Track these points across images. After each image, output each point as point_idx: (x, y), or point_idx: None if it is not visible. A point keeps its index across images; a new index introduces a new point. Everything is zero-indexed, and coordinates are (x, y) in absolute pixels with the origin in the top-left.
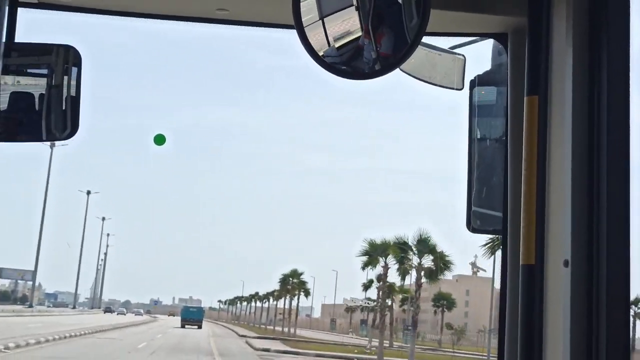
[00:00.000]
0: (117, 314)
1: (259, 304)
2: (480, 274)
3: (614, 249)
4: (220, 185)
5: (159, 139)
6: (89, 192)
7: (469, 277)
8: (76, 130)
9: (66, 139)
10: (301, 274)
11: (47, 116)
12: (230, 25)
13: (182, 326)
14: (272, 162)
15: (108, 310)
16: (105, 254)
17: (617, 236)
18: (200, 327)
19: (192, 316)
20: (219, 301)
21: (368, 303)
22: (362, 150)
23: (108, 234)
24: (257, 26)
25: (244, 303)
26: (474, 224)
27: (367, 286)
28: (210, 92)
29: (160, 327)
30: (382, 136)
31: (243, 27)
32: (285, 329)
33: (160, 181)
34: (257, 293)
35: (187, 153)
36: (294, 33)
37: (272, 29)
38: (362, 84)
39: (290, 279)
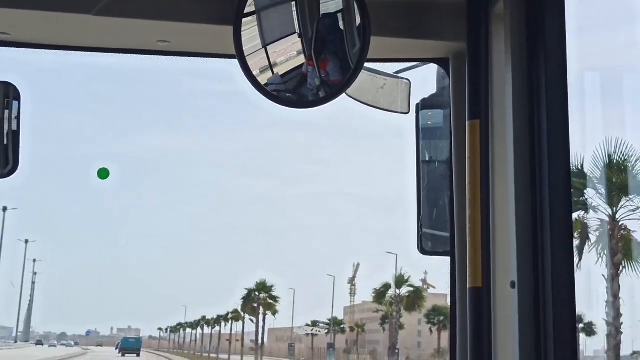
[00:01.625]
0: (49, 347)
1: (206, 330)
2: (431, 290)
3: (559, 270)
4: (159, 211)
5: (103, 173)
6: (4, 209)
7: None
8: (17, 166)
9: (8, 175)
10: (271, 287)
11: None
12: (172, 57)
13: (123, 355)
14: (209, 186)
15: (39, 343)
16: (34, 282)
17: (562, 256)
18: (138, 355)
19: (131, 345)
20: (159, 329)
21: (320, 330)
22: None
23: (34, 260)
24: (198, 57)
25: (188, 330)
26: (425, 245)
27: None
28: (150, 120)
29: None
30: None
31: (184, 57)
32: (234, 358)
33: (96, 205)
34: (204, 317)
35: (124, 179)
36: (235, 63)
37: (213, 59)
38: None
39: (256, 293)
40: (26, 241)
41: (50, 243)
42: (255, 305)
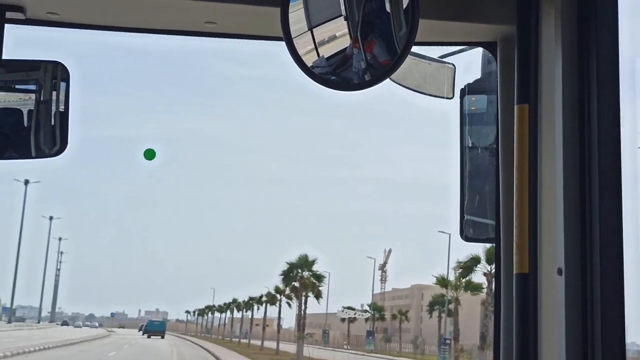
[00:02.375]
0: (75, 327)
1: (236, 314)
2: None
3: (607, 256)
4: (190, 194)
5: (149, 154)
6: (27, 182)
7: None
8: (65, 146)
9: (56, 155)
10: (313, 262)
11: (36, 132)
12: (218, 38)
13: (148, 337)
14: (242, 171)
15: (65, 323)
16: (60, 262)
17: (610, 243)
18: (163, 337)
19: (156, 328)
20: (187, 312)
21: (362, 314)
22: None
23: (60, 238)
24: (245, 39)
25: (217, 313)
26: (467, 232)
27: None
28: (186, 103)
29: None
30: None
31: (231, 39)
32: (270, 344)
33: (130, 189)
34: (234, 300)
35: (158, 162)
36: (282, 45)
37: (260, 41)
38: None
39: (299, 270)
40: (50, 218)
41: (79, 222)
42: (297, 284)
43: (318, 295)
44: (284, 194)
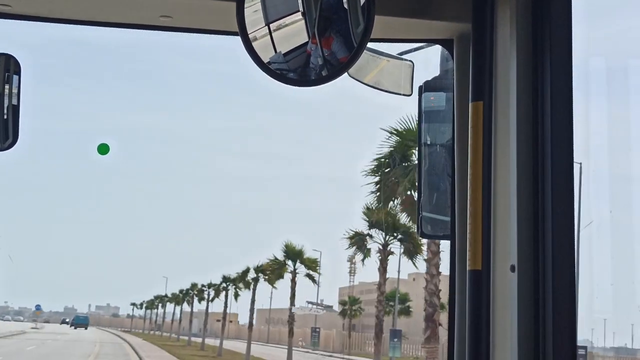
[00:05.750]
0: (3, 320)
1: (197, 305)
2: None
3: (559, 254)
4: (145, 188)
5: (103, 148)
6: None
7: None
8: (17, 139)
9: (7, 148)
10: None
11: None
12: (173, 32)
13: (75, 328)
14: (192, 167)
15: None
16: None
17: (563, 240)
18: (86, 328)
19: (80, 321)
20: (133, 304)
21: (319, 309)
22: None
23: None
24: (201, 32)
25: (168, 305)
26: (424, 229)
27: None
28: (137, 99)
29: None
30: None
31: (186, 34)
32: (229, 344)
33: (81, 187)
34: (194, 285)
35: (111, 158)
36: (238, 40)
37: (216, 35)
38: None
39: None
40: None
41: (28, 217)
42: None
43: (314, 280)
44: (239, 189)
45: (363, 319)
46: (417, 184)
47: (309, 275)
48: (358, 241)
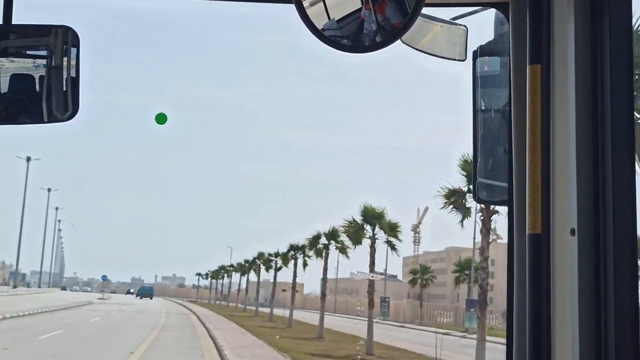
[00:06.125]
0: (72, 292)
1: (264, 274)
2: (500, 241)
3: (620, 216)
4: (205, 162)
5: (161, 118)
6: (28, 159)
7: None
8: (77, 111)
9: (68, 119)
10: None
11: (47, 98)
12: (228, 2)
13: (141, 298)
14: (257, 140)
15: (63, 288)
16: (60, 230)
17: (623, 203)
18: (151, 298)
19: (146, 292)
20: (198, 274)
21: (376, 275)
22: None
23: (57, 208)
24: (255, 1)
25: (234, 275)
26: (480, 195)
27: None
28: (195, 71)
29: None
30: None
31: (240, 2)
32: (304, 315)
33: (144, 158)
34: (261, 254)
35: (171, 130)
36: (291, 8)
37: (269, 4)
38: (355, 58)
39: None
40: (49, 190)
41: (88, 192)
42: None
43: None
44: (298, 163)
45: (429, 288)
46: (472, 150)
47: (388, 242)
48: (457, 199)
